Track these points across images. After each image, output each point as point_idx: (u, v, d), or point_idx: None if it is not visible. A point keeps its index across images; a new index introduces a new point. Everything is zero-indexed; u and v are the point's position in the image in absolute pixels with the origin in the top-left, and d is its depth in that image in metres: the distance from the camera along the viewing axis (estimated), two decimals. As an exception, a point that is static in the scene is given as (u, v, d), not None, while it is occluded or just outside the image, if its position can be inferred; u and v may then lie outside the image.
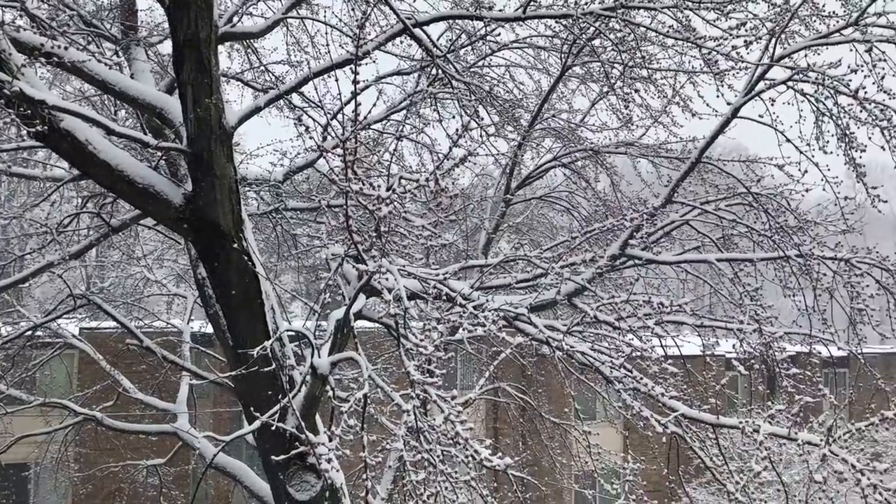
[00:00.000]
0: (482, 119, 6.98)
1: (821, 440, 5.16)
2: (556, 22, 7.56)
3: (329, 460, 4.12)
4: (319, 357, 4.89)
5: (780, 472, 15.72)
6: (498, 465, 4.17)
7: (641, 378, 5.51)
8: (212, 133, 5.11)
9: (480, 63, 8.56)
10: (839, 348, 7.20)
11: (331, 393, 5.02)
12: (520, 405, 10.61)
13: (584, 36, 7.65)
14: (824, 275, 7.25)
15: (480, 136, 6.88)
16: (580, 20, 6.90)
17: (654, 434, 5.88)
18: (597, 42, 7.95)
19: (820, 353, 7.87)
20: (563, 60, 8.57)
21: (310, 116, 7.57)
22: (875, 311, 7.24)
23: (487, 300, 5.65)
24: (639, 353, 6.03)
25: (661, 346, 7.32)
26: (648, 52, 8.26)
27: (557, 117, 10.17)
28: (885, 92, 6.29)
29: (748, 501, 5.42)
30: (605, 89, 9.42)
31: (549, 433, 9.96)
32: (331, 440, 4.26)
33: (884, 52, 6.24)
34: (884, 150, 6.40)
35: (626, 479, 5.62)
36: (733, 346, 6.87)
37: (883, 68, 6.32)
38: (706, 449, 6.33)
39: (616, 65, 7.62)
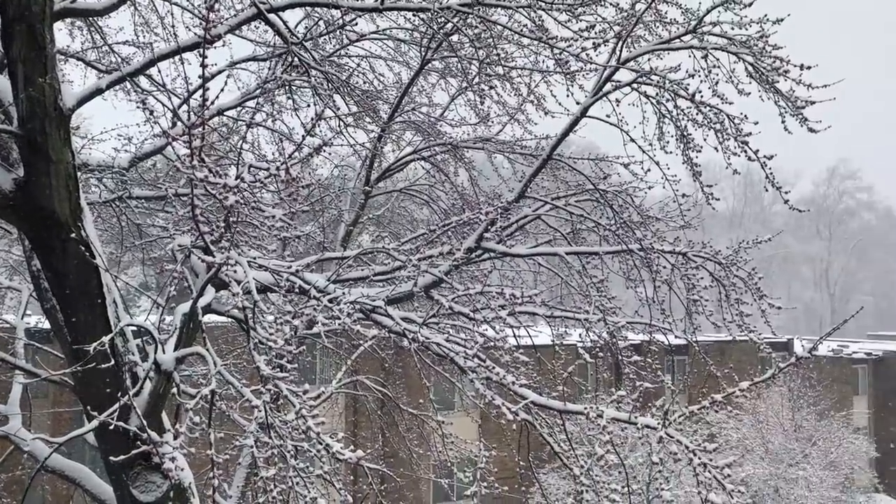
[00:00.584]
0: (339, 109, 6.90)
1: (658, 423, 5.48)
2: (414, 15, 7.60)
3: (173, 459, 3.96)
4: (164, 353, 4.69)
5: (626, 455, 16.50)
6: (350, 458, 4.15)
7: (494, 367, 5.64)
8: (46, 115, 4.77)
9: (340, 52, 8.48)
10: (676, 336, 7.66)
11: (178, 390, 4.82)
12: (378, 398, 10.62)
13: (442, 31, 7.73)
14: (664, 267, 7.70)
15: (338, 125, 6.80)
16: (438, 14, 6.97)
17: (506, 422, 6.04)
18: (455, 38, 8.06)
19: (660, 341, 8.37)
20: (423, 54, 8.63)
21: (158, 101, 7.23)
22: (709, 301, 7.76)
23: (343, 293, 5.61)
24: (492, 344, 6.18)
25: (514, 336, 7.54)
26: (505, 50, 8.46)
27: (418, 110, 10.23)
28: (718, 97, 6.74)
29: (591, 483, 5.67)
30: (464, 85, 9.57)
31: (406, 425, 10.05)
32: (176, 438, 4.09)
33: (717, 59, 6.69)
34: (717, 150, 6.87)
35: (478, 468, 5.74)
36: (580, 335, 7.17)
37: (717, 74, 6.77)
38: (555, 435, 6.57)
39: (473, 61, 7.75)
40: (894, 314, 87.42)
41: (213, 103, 3.75)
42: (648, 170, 7.95)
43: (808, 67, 6.49)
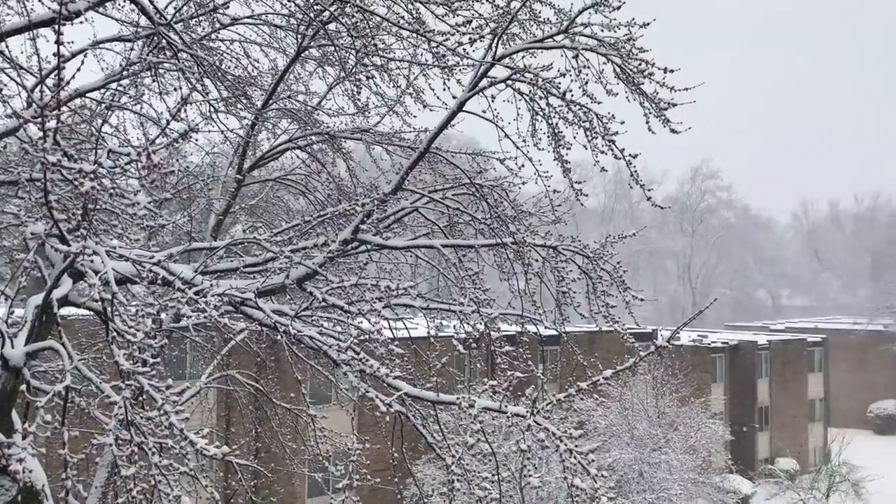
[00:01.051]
0: (209, 94, 6.67)
1: (527, 412, 5.64)
2: (290, 0, 7.44)
3: (21, 460, 3.72)
4: (13, 347, 4.39)
5: (500, 444, 16.73)
6: (216, 455, 4.03)
7: (368, 360, 5.63)
8: None
9: (211, 35, 8.19)
10: (547, 327, 7.90)
11: (27, 387, 4.53)
12: (251, 392, 10.39)
13: (319, 19, 7.61)
14: (536, 261, 7.92)
15: (208, 111, 6.58)
16: (315, 1, 6.85)
17: (380, 414, 6.04)
18: (333, 26, 7.95)
19: (532, 332, 8.59)
20: (299, 41, 8.47)
21: (11, 79, 6.74)
22: (577, 293, 8.05)
23: (211, 285, 5.43)
24: (367, 336, 6.16)
25: (391, 328, 7.55)
26: (384, 41, 8.43)
27: (294, 99, 10.03)
28: (588, 96, 6.97)
29: (462, 472, 5.76)
30: (342, 74, 9.46)
31: (280, 419, 9.88)
32: (24, 438, 3.84)
33: (588, 60, 6.92)
34: (586, 148, 7.11)
35: (350, 460, 5.72)
36: (454, 326, 7.27)
37: (587, 74, 7.00)
38: (428, 425, 6.63)
39: (351, 51, 7.68)
40: (750, 306, 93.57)
41: (67, 82, 3.53)
42: (522, 165, 8.14)
43: (672, 71, 6.81)
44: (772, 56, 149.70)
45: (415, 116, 9.71)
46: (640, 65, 6.80)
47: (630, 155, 7.04)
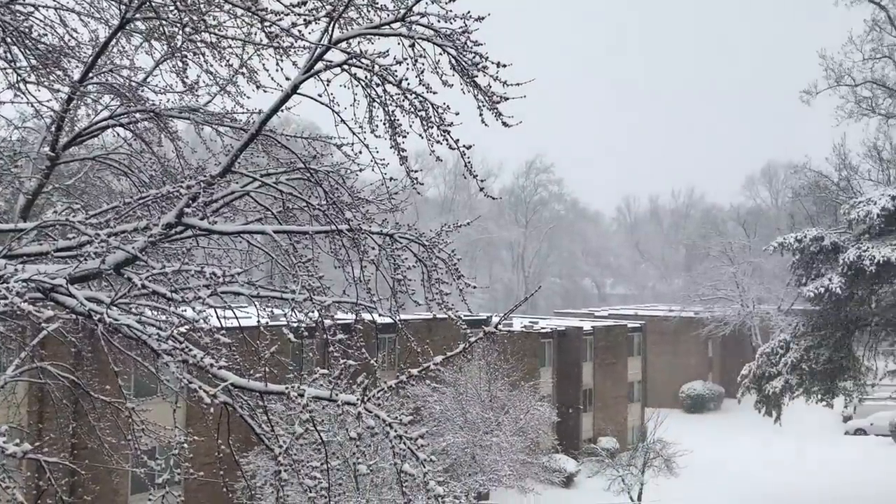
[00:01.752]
0: (16, 62, 6.11)
1: (357, 399, 5.62)
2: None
3: None
4: None
5: (336, 433, 16.52)
6: (15, 453, 3.71)
7: (191, 349, 5.39)
8: None
9: (21, 1, 7.52)
10: (381, 315, 7.90)
11: None
12: (66, 386, 9.68)
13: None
14: (372, 248, 7.90)
15: (15, 81, 6.01)
16: (139, -30, 6.43)
17: (206, 405, 5.81)
18: (159, -1, 7.52)
19: (368, 320, 8.57)
20: (123, 12, 7.94)
21: None
22: (413, 281, 8.11)
23: (16, 269, 5.00)
24: (191, 325, 5.89)
25: (218, 317, 7.27)
26: (217, 18, 8.07)
27: (117, 73, 9.40)
28: (424, 85, 7.02)
29: (290, 462, 5.66)
30: (171, 50, 8.97)
31: (98, 413, 9.28)
32: None
33: (424, 49, 6.95)
34: (422, 137, 7.16)
35: (172, 454, 5.46)
36: (285, 314, 7.12)
37: (424, 64, 7.04)
38: (257, 416, 6.46)
39: (178, 25, 7.29)
40: (577, 294, 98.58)
41: None
42: (360, 152, 8.07)
43: (504, 66, 6.98)
44: (605, 59, 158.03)
45: (248, 97, 9.39)
46: (474, 57, 6.92)
47: (464, 146, 7.16)
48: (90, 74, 8.50)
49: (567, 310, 71.00)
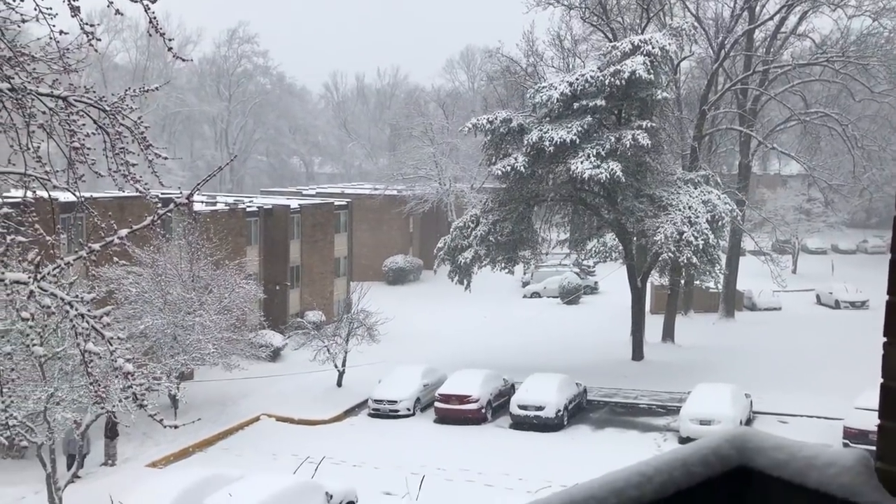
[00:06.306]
0: None
1: (29, 278, 5.10)
2: None
3: None
4: None
5: (15, 321, 14.95)
6: None
7: None
8: None
9: None
10: (56, 187, 7.16)
11: None
12: None
13: None
14: (42, 112, 7.03)
15: None
16: None
17: None
18: None
19: (44, 197, 7.71)
20: None
21: None
22: (93, 149, 7.40)
23: None
24: None
25: None
26: None
27: None
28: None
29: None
30: None
31: None
32: None
33: None
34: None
35: None
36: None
37: None
38: None
39: None
40: (286, 172, 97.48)
41: None
42: (22, 0, 7.03)
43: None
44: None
45: None
46: None
47: (148, 4, 6.53)
48: None
49: (275, 188, 70.13)
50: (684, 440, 24.07)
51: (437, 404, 27.20)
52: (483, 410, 26.92)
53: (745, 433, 1.63)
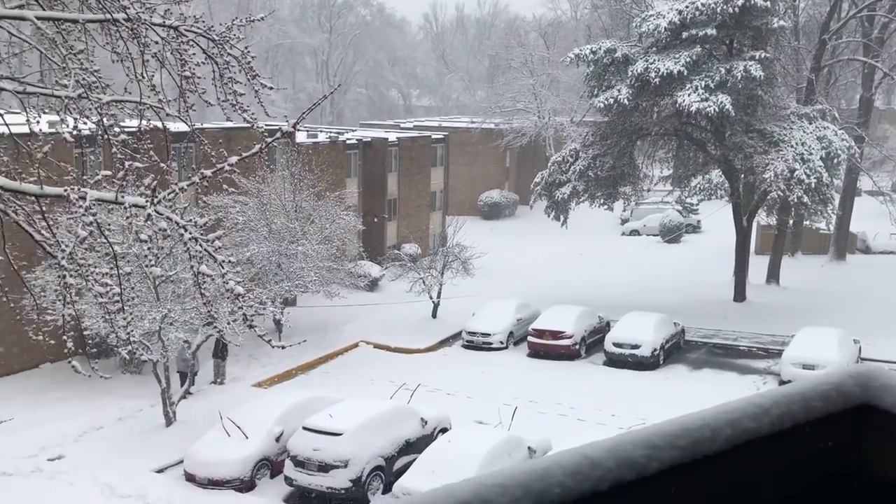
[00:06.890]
0: None
1: (146, 202, 5.35)
2: None
3: None
4: None
5: (132, 244, 15.87)
6: None
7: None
8: None
9: None
10: (169, 115, 7.41)
11: None
12: None
13: None
14: (154, 42, 7.24)
15: None
16: None
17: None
18: None
19: (157, 126, 8.01)
20: None
21: None
22: (202, 79, 7.59)
23: None
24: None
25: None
26: None
27: None
28: None
29: (75, 267, 5.39)
30: None
31: None
32: None
33: None
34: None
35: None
36: (58, 112, 6.48)
37: None
38: (35, 223, 6.01)
39: None
40: (384, 105, 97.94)
41: None
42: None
43: None
44: None
45: None
46: None
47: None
48: None
49: (373, 121, 70.66)
50: (785, 384, 23.41)
51: (530, 339, 27.33)
52: (577, 346, 26.90)
53: (871, 370, 1.55)
